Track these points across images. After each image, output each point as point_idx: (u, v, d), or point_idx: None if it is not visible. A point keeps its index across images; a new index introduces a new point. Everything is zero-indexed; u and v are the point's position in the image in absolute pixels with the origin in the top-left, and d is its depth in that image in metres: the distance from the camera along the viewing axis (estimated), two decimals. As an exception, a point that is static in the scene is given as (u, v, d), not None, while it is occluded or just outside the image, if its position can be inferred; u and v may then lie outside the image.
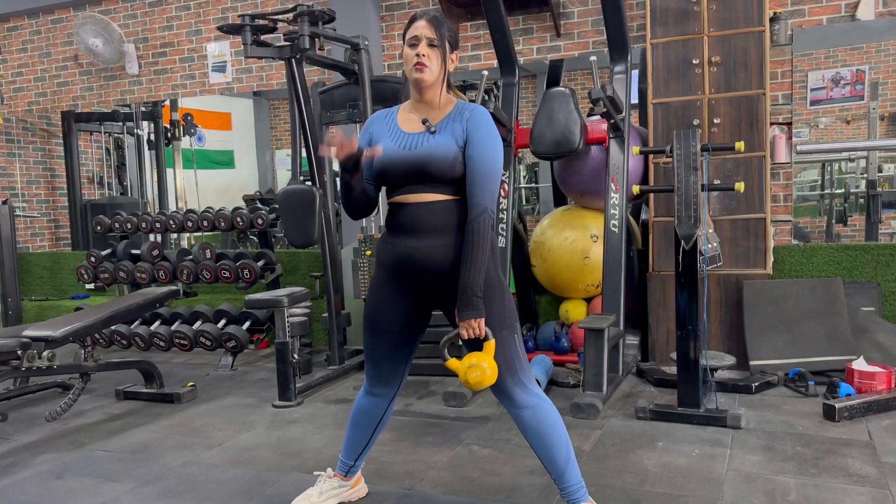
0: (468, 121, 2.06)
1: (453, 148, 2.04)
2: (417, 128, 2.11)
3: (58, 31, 6.47)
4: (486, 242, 2.04)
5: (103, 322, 3.65)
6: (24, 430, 3.52)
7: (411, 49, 2.06)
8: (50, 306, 6.07)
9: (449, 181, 2.06)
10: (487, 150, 2.05)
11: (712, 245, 3.32)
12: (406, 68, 2.08)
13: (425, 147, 2.06)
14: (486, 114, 2.10)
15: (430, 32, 2.05)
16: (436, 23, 2.06)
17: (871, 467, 2.62)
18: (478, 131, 2.05)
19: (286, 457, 2.98)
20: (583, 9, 4.78)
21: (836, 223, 5.44)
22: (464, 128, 2.06)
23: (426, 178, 2.06)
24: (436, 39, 2.05)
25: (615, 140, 4.10)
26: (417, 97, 2.13)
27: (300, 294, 3.85)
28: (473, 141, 2.04)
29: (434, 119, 2.11)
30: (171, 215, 5.28)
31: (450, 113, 2.11)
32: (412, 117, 2.14)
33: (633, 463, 2.75)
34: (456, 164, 2.04)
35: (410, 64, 2.06)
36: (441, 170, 2.04)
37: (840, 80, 4.99)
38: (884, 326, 3.90)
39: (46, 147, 6.90)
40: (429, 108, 2.12)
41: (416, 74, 2.05)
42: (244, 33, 3.93)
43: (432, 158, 2.04)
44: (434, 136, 2.07)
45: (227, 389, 4.16)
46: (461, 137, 2.06)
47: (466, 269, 2.02)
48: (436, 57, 2.06)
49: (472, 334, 2.02)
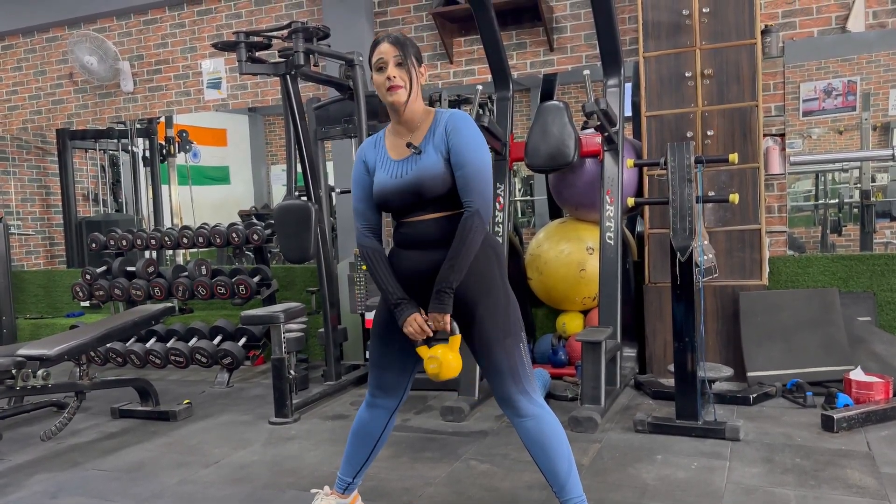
0: (447, 128, 2.08)
1: (440, 163, 2.06)
2: (404, 153, 2.14)
3: (52, 49, 6.48)
4: (473, 243, 2.04)
5: (98, 340, 3.64)
6: (18, 449, 3.49)
7: (380, 73, 2.08)
8: (45, 324, 6.04)
9: (446, 196, 2.08)
10: (471, 154, 2.06)
11: (708, 256, 3.32)
12: (380, 93, 2.11)
13: (414, 171, 2.08)
14: (464, 117, 2.11)
15: (395, 51, 2.07)
16: (398, 42, 2.09)
17: (870, 478, 2.61)
18: (458, 138, 2.07)
19: (283, 474, 2.96)
20: (575, 23, 4.81)
21: (831, 233, 5.45)
22: (444, 137, 2.08)
23: (423, 200, 2.09)
24: (401, 57, 2.07)
25: (609, 153, 4.11)
26: (397, 119, 2.15)
27: (296, 309, 3.84)
28: (455, 148, 2.06)
29: (417, 137, 2.13)
30: (167, 232, 5.27)
31: (430, 126, 2.13)
32: (398, 142, 2.16)
33: (632, 477, 2.74)
34: (446, 177, 2.07)
35: (383, 88, 2.08)
36: (434, 189, 2.07)
37: (832, 90, 5.03)
38: (880, 336, 3.90)
39: (41, 165, 6.90)
40: (410, 127, 2.15)
41: (391, 97, 2.08)
42: (239, 50, 3.94)
43: (424, 180, 2.06)
44: (421, 157, 2.09)
45: (223, 406, 4.14)
46: (444, 149, 2.08)
47: (447, 264, 2.04)
48: (406, 75, 2.08)
49: (437, 327, 2.08)
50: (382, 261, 2.17)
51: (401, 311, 2.11)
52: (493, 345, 2.09)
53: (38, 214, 6.90)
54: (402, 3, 5.23)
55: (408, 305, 2.11)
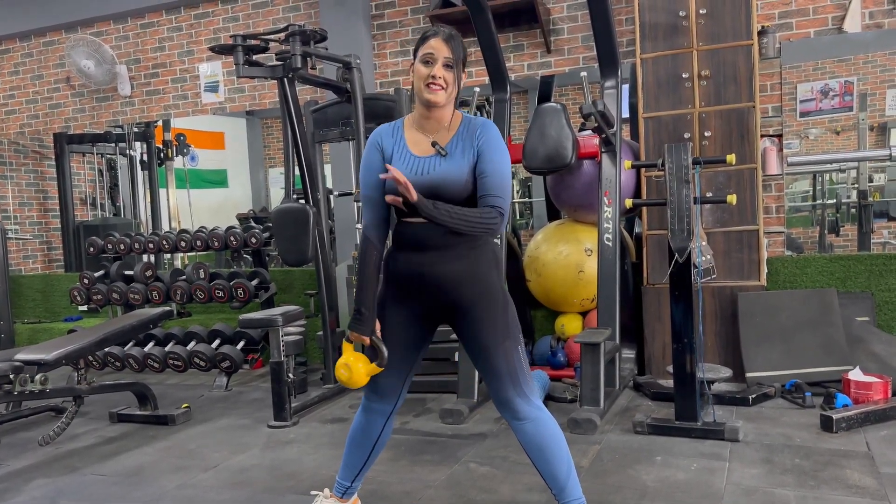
0: (479, 138, 2.06)
1: (465, 170, 2.04)
2: (427, 150, 2.09)
3: (49, 53, 6.48)
4: (479, 223, 2.01)
5: (96, 344, 3.63)
6: (16, 454, 3.48)
7: (425, 67, 2.02)
8: (43, 329, 6.03)
9: (462, 203, 2.05)
10: (500, 164, 2.06)
11: (706, 257, 3.32)
12: (417, 85, 2.04)
13: (438, 172, 2.04)
14: (496, 130, 2.10)
15: (447, 52, 2.02)
16: (452, 42, 2.03)
17: (870, 478, 2.61)
18: (489, 149, 2.05)
19: (282, 478, 2.95)
20: (572, 25, 4.81)
21: (829, 233, 5.46)
22: (475, 147, 2.05)
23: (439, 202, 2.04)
24: (452, 60, 2.03)
25: (607, 154, 4.11)
26: (426, 114, 2.09)
27: (295, 313, 3.83)
28: (485, 158, 2.04)
29: (443, 138, 2.09)
30: (165, 235, 5.26)
31: (458, 130, 2.09)
32: (420, 138, 2.11)
33: (631, 478, 2.74)
34: (468, 184, 2.04)
35: (423, 82, 2.02)
36: (454, 193, 2.04)
37: (829, 91, 5.03)
38: (879, 336, 3.90)
39: (39, 169, 6.89)
40: (437, 127, 2.10)
41: (430, 95, 2.03)
42: (236, 53, 3.94)
43: (446, 183, 2.03)
44: (445, 158, 2.06)
45: (221, 410, 4.13)
46: (472, 156, 2.05)
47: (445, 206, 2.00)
48: (451, 78, 2.04)
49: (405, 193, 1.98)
50: (375, 260, 2.15)
51: (361, 320, 2.13)
52: (491, 348, 2.09)
53: (35, 219, 6.89)
54: (400, 5, 5.23)
55: (368, 320, 2.14)
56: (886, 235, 5.21)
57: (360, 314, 2.14)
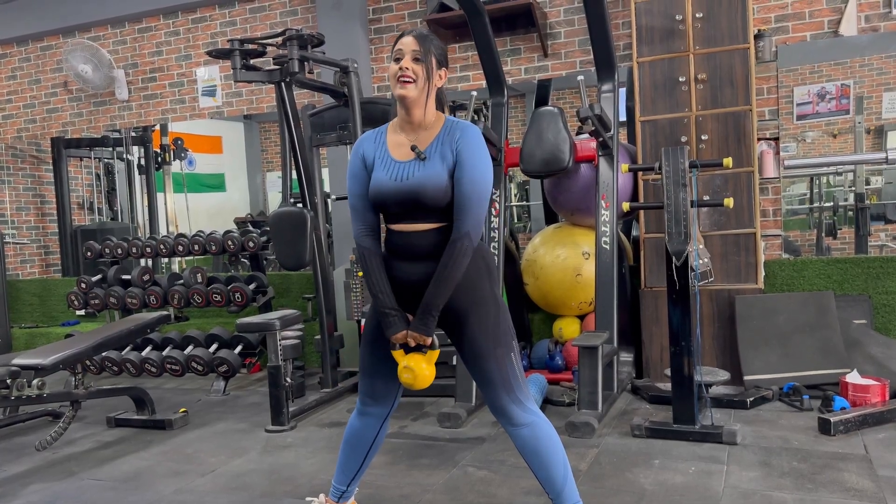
0: (458, 142, 2.03)
1: (444, 175, 2.02)
2: (407, 155, 2.08)
3: (47, 57, 6.48)
4: (459, 267, 2.02)
5: (94, 349, 3.62)
6: (13, 459, 3.47)
7: (395, 63, 2.04)
8: (40, 333, 6.02)
9: (445, 207, 2.05)
10: (476, 173, 2.02)
11: (703, 261, 3.33)
12: (391, 84, 2.06)
13: (417, 178, 2.03)
14: (477, 134, 2.06)
15: (415, 46, 2.03)
16: (421, 38, 2.04)
17: (867, 481, 2.61)
18: (467, 153, 2.02)
19: (279, 483, 2.94)
20: (569, 29, 4.82)
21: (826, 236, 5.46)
22: (453, 150, 2.03)
23: (420, 208, 2.04)
24: (420, 53, 2.03)
25: (604, 158, 4.12)
26: (404, 115, 2.09)
27: (292, 317, 3.83)
28: (462, 163, 2.02)
29: (423, 140, 2.08)
30: (162, 240, 5.26)
31: (439, 133, 2.08)
32: (401, 141, 2.10)
33: (629, 482, 2.74)
34: (448, 190, 2.03)
35: (394, 79, 2.04)
36: (434, 199, 2.02)
37: (825, 94, 5.04)
38: (876, 339, 3.90)
39: (36, 173, 6.88)
40: (416, 128, 2.10)
41: (400, 90, 2.03)
42: (233, 58, 3.95)
43: (426, 188, 2.02)
44: (425, 162, 2.04)
45: (219, 414, 4.12)
46: (451, 160, 2.03)
47: (433, 287, 2.03)
48: (421, 71, 2.03)
49: (416, 342, 2.09)
50: (378, 265, 2.12)
51: (390, 322, 2.09)
52: (484, 356, 2.08)
53: (32, 223, 6.88)
54: (397, 10, 5.24)
55: (398, 319, 2.09)
56: (883, 238, 5.22)
57: (387, 316, 2.09)
